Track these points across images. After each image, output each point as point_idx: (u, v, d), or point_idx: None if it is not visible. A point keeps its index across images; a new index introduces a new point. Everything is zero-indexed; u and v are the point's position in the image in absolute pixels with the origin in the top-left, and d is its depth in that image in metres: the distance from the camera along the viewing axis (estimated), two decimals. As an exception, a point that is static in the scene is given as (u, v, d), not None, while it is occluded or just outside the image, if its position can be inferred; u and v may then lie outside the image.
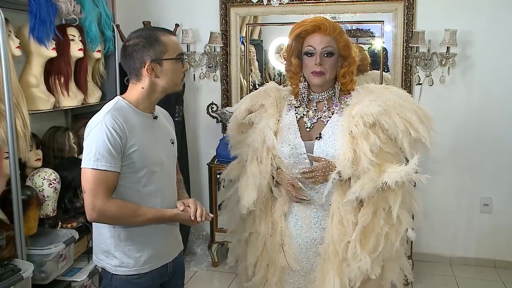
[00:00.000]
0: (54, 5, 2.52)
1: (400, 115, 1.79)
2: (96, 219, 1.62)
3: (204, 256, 3.63)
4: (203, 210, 1.74)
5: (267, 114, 1.97)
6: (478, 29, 3.34)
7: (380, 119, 1.77)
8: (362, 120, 1.77)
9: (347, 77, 1.89)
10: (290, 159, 1.91)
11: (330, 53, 1.84)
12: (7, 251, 2.11)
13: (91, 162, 1.56)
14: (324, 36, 1.83)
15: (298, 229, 1.94)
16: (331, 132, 1.87)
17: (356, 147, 1.76)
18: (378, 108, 1.78)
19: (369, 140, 1.75)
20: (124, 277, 1.69)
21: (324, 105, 1.92)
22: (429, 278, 3.39)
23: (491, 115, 3.41)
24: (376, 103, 1.79)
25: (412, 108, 1.82)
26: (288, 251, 1.93)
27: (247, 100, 2.07)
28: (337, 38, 1.85)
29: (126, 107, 1.67)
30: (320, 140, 1.87)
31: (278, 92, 2.05)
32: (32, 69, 2.54)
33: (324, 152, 1.85)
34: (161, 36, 1.66)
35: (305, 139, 1.90)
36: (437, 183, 3.54)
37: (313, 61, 1.84)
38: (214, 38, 3.57)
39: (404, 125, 1.78)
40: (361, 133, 1.76)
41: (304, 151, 1.88)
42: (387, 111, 1.78)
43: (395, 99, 1.83)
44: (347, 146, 1.77)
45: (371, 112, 1.77)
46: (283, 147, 1.91)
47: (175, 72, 1.69)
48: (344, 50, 1.87)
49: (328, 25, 1.83)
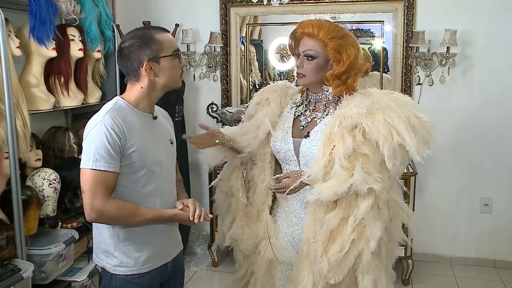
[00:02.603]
0: (54, 5, 2.52)
1: (386, 120, 1.73)
2: (95, 219, 1.62)
3: (204, 256, 3.63)
4: (202, 210, 1.74)
5: (268, 107, 2.02)
6: (478, 29, 3.34)
7: (361, 121, 1.73)
8: (339, 122, 1.75)
9: (331, 81, 1.85)
10: (280, 154, 1.95)
11: (311, 56, 1.84)
12: (7, 251, 2.11)
13: (90, 163, 1.56)
14: (310, 39, 1.84)
15: (285, 224, 1.97)
16: (318, 132, 1.87)
17: (333, 149, 1.74)
18: (359, 110, 1.74)
19: (345, 143, 1.72)
20: (124, 277, 1.69)
21: (322, 106, 1.92)
22: (429, 278, 3.39)
23: (491, 115, 3.41)
24: (360, 106, 1.76)
25: (405, 115, 1.76)
26: (276, 243, 1.96)
27: (258, 95, 2.13)
28: (324, 41, 1.81)
29: (125, 107, 1.67)
30: (307, 138, 1.88)
31: (286, 89, 2.08)
32: (32, 69, 2.54)
33: (308, 150, 1.86)
34: (156, 35, 1.66)
35: (295, 137, 1.92)
36: (437, 183, 3.55)
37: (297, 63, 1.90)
38: (214, 38, 3.57)
39: (388, 131, 1.72)
40: (336, 135, 1.74)
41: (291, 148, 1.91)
42: (371, 114, 1.74)
43: (388, 103, 1.78)
44: (322, 147, 1.77)
45: (351, 114, 1.74)
46: (275, 141, 1.95)
47: (173, 69, 1.69)
48: (333, 54, 1.82)
49: (312, 28, 1.82)
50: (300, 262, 1.85)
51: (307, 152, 1.86)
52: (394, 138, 1.72)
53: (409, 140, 1.72)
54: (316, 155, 1.80)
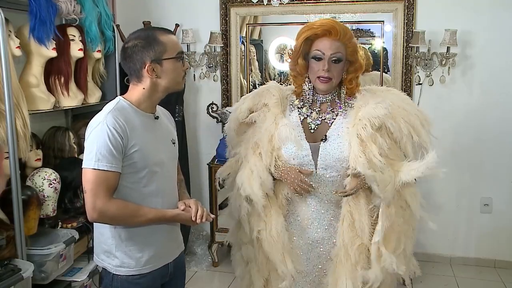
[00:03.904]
0: (54, 5, 2.51)
1: (404, 119, 1.80)
2: (96, 219, 1.61)
3: (204, 256, 3.63)
4: (204, 211, 1.74)
5: (271, 114, 1.93)
6: (478, 29, 3.34)
7: (387, 122, 1.78)
8: (369, 123, 1.77)
9: (354, 82, 1.88)
10: (295, 160, 1.88)
11: (339, 59, 1.81)
12: (7, 251, 2.11)
13: (92, 162, 1.56)
14: (333, 41, 1.80)
15: (299, 230, 1.93)
16: (336, 134, 1.85)
17: (365, 150, 1.75)
18: (384, 111, 1.78)
19: (377, 143, 1.76)
20: (125, 277, 1.69)
21: (328, 107, 1.90)
22: (429, 278, 3.39)
23: (491, 115, 3.41)
24: (382, 106, 1.79)
25: (414, 112, 1.84)
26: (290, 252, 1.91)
27: (248, 99, 2.02)
28: (346, 43, 1.82)
29: (127, 107, 1.67)
30: (325, 142, 1.85)
31: (281, 91, 2.00)
32: (32, 69, 2.54)
33: (329, 154, 1.83)
34: (160, 36, 1.65)
35: (310, 141, 1.88)
36: (437, 183, 3.54)
37: (321, 66, 1.81)
38: (214, 38, 3.57)
39: (408, 130, 1.79)
40: (369, 136, 1.76)
41: (309, 153, 1.86)
42: (392, 114, 1.79)
43: (399, 102, 1.84)
44: (358, 149, 1.76)
45: (378, 115, 1.77)
46: (288, 148, 1.88)
47: (176, 71, 1.69)
48: (352, 56, 1.85)
49: (339, 29, 1.79)
50: (335, 268, 1.84)
51: (327, 156, 1.84)
52: (413, 136, 1.80)
53: (424, 136, 1.81)
54: (340, 157, 1.81)
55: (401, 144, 1.80)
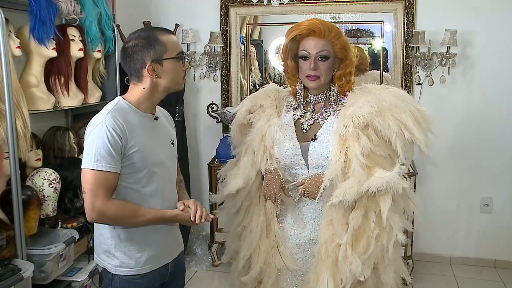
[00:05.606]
0: (54, 5, 2.52)
1: (394, 116, 1.76)
2: (96, 219, 1.61)
3: (204, 256, 3.63)
4: (203, 211, 1.74)
5: (265, 114, 1.96)
6: (478, 29, 3.34)
7: (373, 120, 1.75)
8: (351, 122, 1.75)
9: (343, 79, 1.87)
10: (286, 160, 1.90)
11: (325, 57, 1.83)
12: (7, 251, 2.11)
13: (91, 163, 1.56)
14: (318, 39, 1.82)
15: (295, 230, 1.94)
16: (326, 133, 1.86)
17: (348, 149, 1.74)
18: (370, 109, 1.75)
19: (360, 142, 1.73)
20: (125, 277, 1.69)
21: (322, 107, 1.91)
22: (429, 278, 3.39)
23: (491, 115, 3.41)
24: (368, 104, 1.77)
25: (409, 109, 1.80)
26: (284, 251, 1.93)
27: (247, 101, 2.07)
28: (333, 41, 1.83)
29: (127, 107, 1.67)
30: (315, 141, 1.86)
31: (278, 93, 2.04)
32: (32, 69, 2.54)
33: (318, 153, 1.84)
34: (160, 36, 1.65)
35: (301, 141, 1.89)
36: (437, 183, 3.55)
37: (308, 65, 1.84)
38: (214, 38, 3.57)
39: (398, 127, 1.75)
40: (351, 135, 1.74)
41: (299, 153, 1.87)
42: (380, 112, 1.76)
43: (392, 99, 1.81)
44: (337, 148, 1.76)
45: (362, 113, 1.75)
46: (279, 147, 1.90)
47: (176, 71, 1.69)
48: (341, 52, 1.85)
49: (322, 28, 1.81)
50: (317, 265, 1.83)
51: (317, 155, 1.84)
52: (404, 133, 1.76)
53: (417, 134, 1.77)
54: (329, 156, 1.80)
55: (392, 142, 1.75)
